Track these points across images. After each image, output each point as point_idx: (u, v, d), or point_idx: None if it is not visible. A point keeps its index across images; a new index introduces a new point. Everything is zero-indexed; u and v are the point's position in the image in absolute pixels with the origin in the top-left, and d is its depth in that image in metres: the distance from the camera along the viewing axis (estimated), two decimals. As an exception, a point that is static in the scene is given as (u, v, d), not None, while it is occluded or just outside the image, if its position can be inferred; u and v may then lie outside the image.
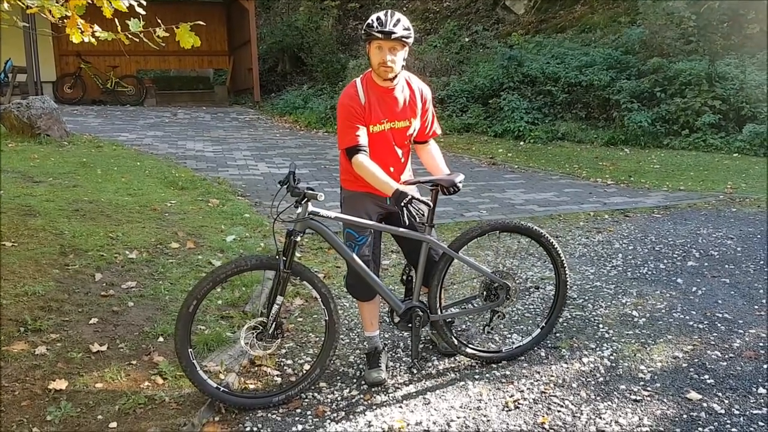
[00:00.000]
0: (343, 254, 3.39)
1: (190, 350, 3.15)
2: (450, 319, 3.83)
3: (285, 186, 3.16)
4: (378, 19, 3.23)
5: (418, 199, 3.23)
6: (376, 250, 3.57)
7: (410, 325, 3.49)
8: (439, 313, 3.56)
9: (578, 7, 15.49)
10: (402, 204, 3.17)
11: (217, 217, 6.25)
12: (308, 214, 3.19)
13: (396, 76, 3.34)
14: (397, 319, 3.53)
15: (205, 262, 5.01)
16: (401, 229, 3.47)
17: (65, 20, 3.29)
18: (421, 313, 3.48)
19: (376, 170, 3.26)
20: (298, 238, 3.21)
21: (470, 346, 3.73)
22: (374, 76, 3.37)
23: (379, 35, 3.20)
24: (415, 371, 3.58)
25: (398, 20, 3.23)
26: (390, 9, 3.47)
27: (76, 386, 3.29)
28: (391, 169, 3.47)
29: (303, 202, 3.17)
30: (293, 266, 3.23)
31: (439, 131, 3.68)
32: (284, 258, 3.18)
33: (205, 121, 14.36)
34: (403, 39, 3.23)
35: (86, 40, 3.42)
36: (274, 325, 3.26)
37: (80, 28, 3.33)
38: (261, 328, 3.26)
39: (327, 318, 3.35)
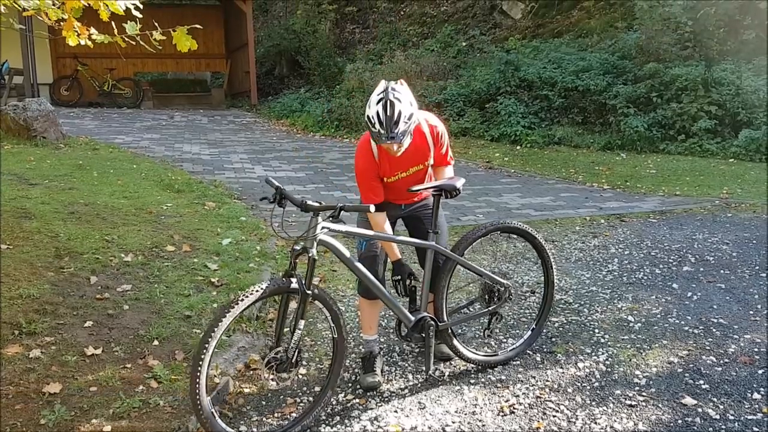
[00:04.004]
0: (353, 269, 3.31)
1: (208, 399, 2.88)
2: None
3: (275, 203, 3.07)
4: (379, 119, 3.09)
5: (413, 276, 3.44)
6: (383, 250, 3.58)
7: (422, 334, 3.47)
8: (446, 320, 3.55)
9: (575, 12, 15.52)
10: (398, 277, 3.43)
11: (213, 221, 6.24)
12: (321, 230, 3.07)
13: None
14: (404, 332, 3.52)
15: (201, 265, 5.00)
16: (402, 238, 3.50)
17: (61, 23, 3.29)
18: (432, 323, 3.48)
19: (382, 227, 3.44)
20: (314, 254, 3.05)
21: (471, 350, 3.73)
22: None
23: (383, 141, 3.15)
24: (427, 380, 3.54)
25: (399, 115, 3.09)
26: (388, 91, 3.14)
27: (71, 389, 3.29)
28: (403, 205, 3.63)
29: (314, 218, 3.06)
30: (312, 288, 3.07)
31: (451, 162, 3.63)
32: (302, 278, 3.03)
33: (202, 123, 14.35)
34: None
35: (83, 42, 3.42)
36: (296, 353, 3.08)
37: (77, 31, 3.33)
38: (281, 359, 3.05)
39: (336, 335, 3.22)
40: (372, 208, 3.07)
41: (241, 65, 18.19)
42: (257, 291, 2.95)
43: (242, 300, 2.90)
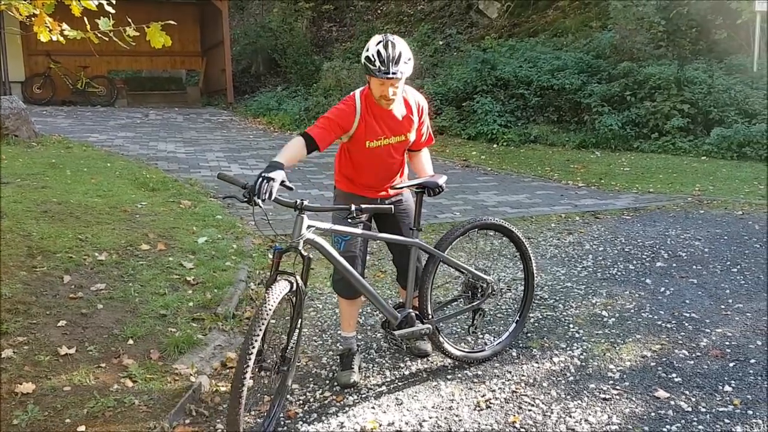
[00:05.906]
0: (340, 267, 3.26)
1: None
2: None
3: (250, 203, 2.92)
4: (380, 57, 3.15)
5: (281, 184, 2.96)
6: (363, 247, 3.56)
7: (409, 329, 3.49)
8: (432, 317, 3.56)
9: (550, 12, 15.66)
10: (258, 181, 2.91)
11: (189, 219, 6.19)
12: (307, 228, 3.03)
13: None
14: (394, 330, 3.51)
15: (176, 263, 4.97)
16: (387, 235, 3.50)
17: (33, 18, 3.25)
18: (416, 320, 3.49)
19: (286, 148, 3.18)
20: (304, 252, 3.04)
21: (458, 348, 3.74)
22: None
23: (383, 76, 3.17)
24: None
25: (399, 54, 3.16)
26: (387, 35, 3.28)
27: (44, 389, 3.24)
28: (384, 179, 3.55)
29: (300, 216, 2.99)
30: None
31: (432, 141, 3.70)
32: (300, 278, 3.03)
33: (178, 122, 14.22)
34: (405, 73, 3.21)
35: (54, 38, 3.38)
36: (294, 352, 3.07)
37: (48, 27, 3.29)
38: (281, 359, 3.04)
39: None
40: (393, 209, 3.10)
41: (217, 63, 18.05)
42: (278, 294, 2.86)
43: (269, 310, 2.80)
